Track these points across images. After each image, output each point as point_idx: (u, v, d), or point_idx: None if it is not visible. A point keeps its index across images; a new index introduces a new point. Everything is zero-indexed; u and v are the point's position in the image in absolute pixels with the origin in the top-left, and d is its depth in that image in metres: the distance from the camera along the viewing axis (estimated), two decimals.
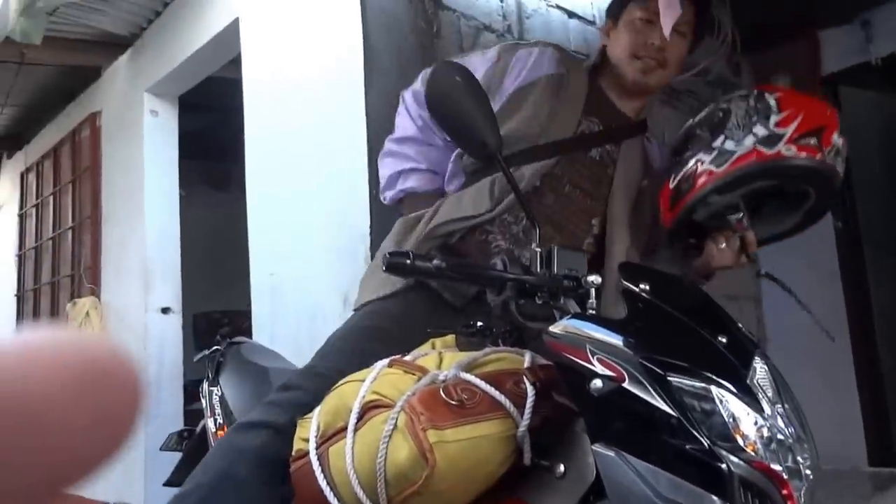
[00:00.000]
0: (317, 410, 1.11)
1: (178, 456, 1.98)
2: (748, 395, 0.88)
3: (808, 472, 0.88)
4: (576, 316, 1.02)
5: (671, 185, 1.30)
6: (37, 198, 5.06)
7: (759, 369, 0.93)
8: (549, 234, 1.45)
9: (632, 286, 1.05)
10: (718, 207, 1.28)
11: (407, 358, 1.14)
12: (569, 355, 0.96)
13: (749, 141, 1.18)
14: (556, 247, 1.12)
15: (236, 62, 3.11)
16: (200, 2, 3.36)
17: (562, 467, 0.97)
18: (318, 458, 1.04)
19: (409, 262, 1.01)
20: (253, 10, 2.98)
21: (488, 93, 1.38)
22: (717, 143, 1.21)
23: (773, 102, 1.20)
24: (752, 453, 0.83)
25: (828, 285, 3.97)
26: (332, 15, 2.54)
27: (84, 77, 4.45)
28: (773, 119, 1.18)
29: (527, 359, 1.08)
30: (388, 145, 1.70)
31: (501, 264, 1.08)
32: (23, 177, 5.30)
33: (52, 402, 0.22)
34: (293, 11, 2.78)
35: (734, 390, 0.87)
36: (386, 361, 1.12)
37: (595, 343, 0.94)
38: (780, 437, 0.86)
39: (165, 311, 3.75)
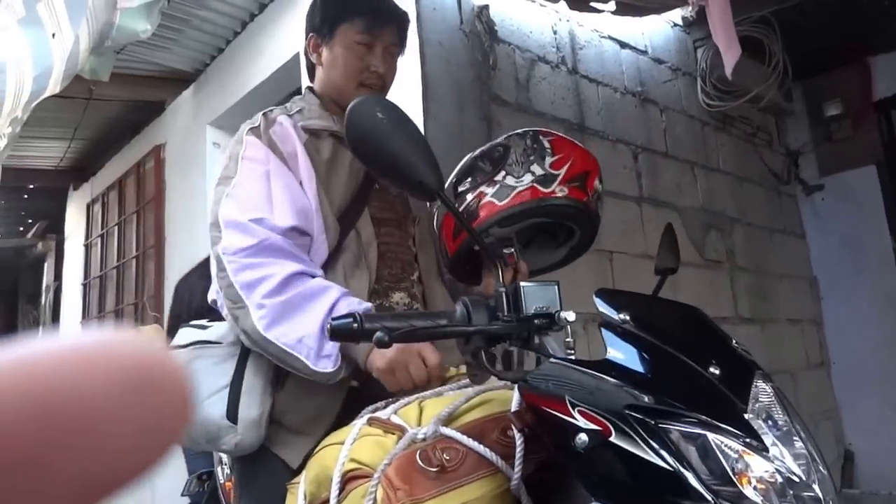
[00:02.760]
0: (303, 477, 1.10)
1: None
2: (748, 432, 0.80)
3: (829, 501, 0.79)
4: (551, 362, 0.93)
5: None
6: (102, 228, 5.23)
7: (761, 394, 0.85)
8: (385, 275, 1.41)
9: (611, 316, 0.94)
10: (495, 239, 1.28)
11: (386, 412, 1.09)
12: (549, 409, 0.87)
13: (527, 178, 1.22)
14: (522, 283, 0.99)
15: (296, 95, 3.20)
16: (262, 38, 3.50)
17: None
18: None
19: (356, 325, 0.89)
20: None
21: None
22: (499, 177, 1.23)
23: (547, 144, 1.25)
24: (757, 498, 0.76)
25: (889, 308, 3.94)
26: None
27: (149, 111, 4.63)
28: (548, 160, 1.22)
29: (514, 398, 0.98)
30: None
31: (464, 309, 0.97)
32: (89, 207, 5.50)
33: (97, 405, 0.21)
34: None
35: (732, 430, 0.80)
36: (364, 419, 1.08)
37: (575, 393, 0.85)
38: (785, 473, 0.78)
39: None
